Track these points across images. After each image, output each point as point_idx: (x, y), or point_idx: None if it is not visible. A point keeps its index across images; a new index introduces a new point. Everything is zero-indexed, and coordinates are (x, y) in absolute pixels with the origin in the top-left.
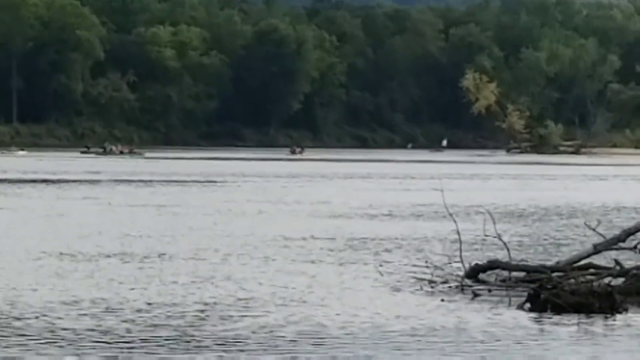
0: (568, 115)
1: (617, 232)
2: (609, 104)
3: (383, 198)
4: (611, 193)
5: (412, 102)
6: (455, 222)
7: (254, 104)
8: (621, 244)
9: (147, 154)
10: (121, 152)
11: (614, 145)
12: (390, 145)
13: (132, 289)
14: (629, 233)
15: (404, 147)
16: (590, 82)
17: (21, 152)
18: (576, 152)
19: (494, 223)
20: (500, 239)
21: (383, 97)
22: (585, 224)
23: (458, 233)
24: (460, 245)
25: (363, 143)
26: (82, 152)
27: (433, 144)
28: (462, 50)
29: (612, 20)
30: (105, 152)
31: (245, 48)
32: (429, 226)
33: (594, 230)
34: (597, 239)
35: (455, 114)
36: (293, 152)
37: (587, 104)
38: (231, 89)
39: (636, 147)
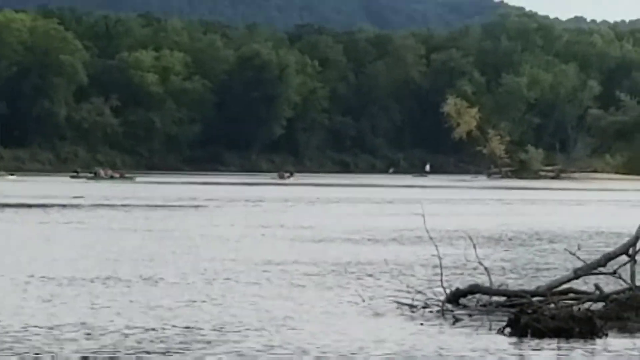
0: (549, 140)
1: (597, 257)
2: (590, 129)
3: (366, 223)
4: (591, 218)
5: (394, 127)
6: (436, 246)
7: (236, 128)
8: (601, 269)
9: (138, 179)
10: (112, 177)
11: (595, 171)
12: (372, 170)
13: (117, 313)
14: (609, 258)
15: (386, 171)
16: (570, 108)
17: (11, 177)
18: (557, 177)
19: (475, 248)
20: (481, 264)
21: (365, 122)
22: (565, 249)
23: (439, 257)
24: (441, 269)
25: (345, 168)
26: (72, 177)
27: (415, 169)
28: (444, 75)
29: (593, 45)
30: (96, 177)
31: (228, 73)
32: (411, 251)
33: (574, 255)
34: (577, 264)
35: (436, 138)
36: (281, 177)
37: (568, 129)
38: (214, 113)
39: (617, 173)
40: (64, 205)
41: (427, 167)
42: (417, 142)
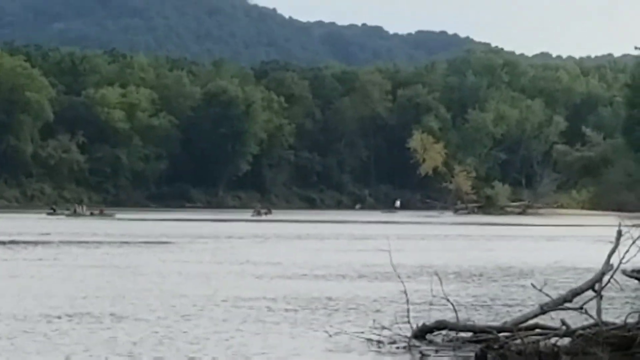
0: (515, 176)
1: (563, 292)
2: (555, 165)
3: (334, 258)
4: (558, 253)
5: (360, 163)
6: (402, 282)
7: (202, 165)
8: (568, 304)
9: (118, 215)
10: (91, 214)
11: (561, 206)
12: (339, 206)
13: (84, 350)
14: (575, 293)
15: (352, 208)
16: (536, 143)
17: None
18: (523, 213)
19: (442, 283)
20: (448, 299)
21: (331, 158)
22: (532, 284)
23: (405, 293)
24: (408, 305)
25: (311, 204)
26: (48, 214)
27: (381, 205)
28: (410, 111)
29: (558, 81)
30: (75, 214)
31: (194, 109)
32: (378, 286)
33: (540, 290)
34: (544, 299)
35: (403, 174)
36: (258, 214)
37: (534, 164)
38: (180, 150)
39: (583, 208)
40: (41, 242)
41: (397, 203)
42: (384, 178)
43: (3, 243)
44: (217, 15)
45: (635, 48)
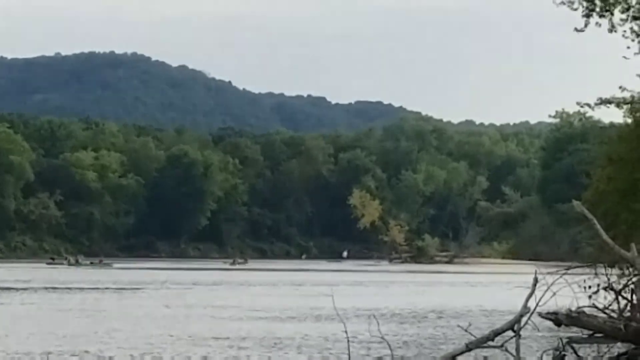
0: (442, 230)
1: (486, 332)
2: (479, 220)
3: (284, 302)
4: (481, 298)
5: (306, 218)
6: (344, 323)
7: (166, 219)
8: (490, 343)
9: (115, 265)
10: (91, 263)
11: (483, 256)
12: (287, 256)
13: None
14: (496, 333)
15: (299, 257)
16: (461, 200)
17: None
18: (450, 262)
19: (379, 324)
20: (384, 338)
21: (280, 214)
22: (458, 325)
23: (346, 333)
24: (349, 344)
25: (262, 254)
26: (48, 264)
27: (325, 255)
28: (350, 172)
29: (481, 145)
30: (77, 264)
31: (159, 171)
32: (322, 327)
33: (465, 330)
34: (469, 338)
35: (344, 228)
36: (233, 263)
37: (459, 219)
38: (146, 206)
39: (503, 258)
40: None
41: (345, 254)
42: (327, 231)
43: (16, 289)
44: (179, 87)
45: (549, 116)
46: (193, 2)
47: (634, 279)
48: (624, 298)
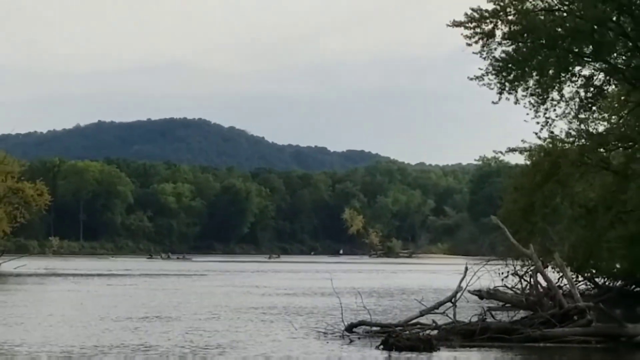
0: (404, 235)
1: (433, 303)
2: (428, 228)
3: (299, 284)
4: (431, 281)
5: (313, 227)
6: (338, 297)
7: (221, 229)
8: (435, 310)
9: (194, 259)
10: (177, 258)
11: (432, 252)
12: (301, 252)
13: (144, 331)
14: (440, 303)
15: (309, 254)
16: (417, 216)
17: (112, 258)
18: (409, 257)
19: (362, 298)
20: (365, 307)
21: (297, 224)
22: (415, 299)
23: (340, 304)
24: (342, 311)
25: (285, 251)
26: (148, 258)
27: (327, 252)
28: (342, 197)
29: (430, 179)
30: (169, 258)
31: (216, 196)
32: (323, 300)
33: (420, 302)
34: (422, 307)
35: (339, 234)
36: (270, 257)
37: (416, 228)
38: (207, 220)
39: (444, 254)
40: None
41: (341, 251)
42: (328, 236)
43: (133, 275)
44: (229, 141)
45: (474, 160)
46: (238, 81)
47: (532, 268)
48: (525, 280)
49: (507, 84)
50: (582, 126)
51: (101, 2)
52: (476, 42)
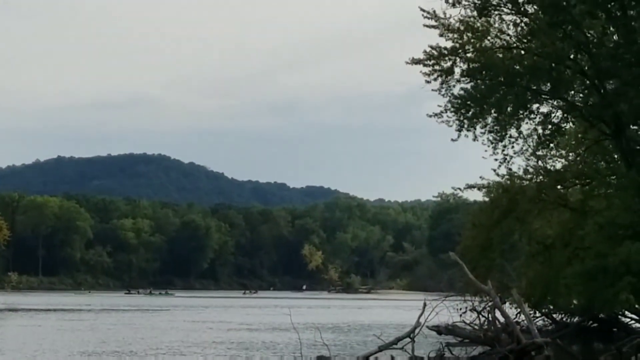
0: (363, 271)
1: (392, 339)
2: (387, 264)
3: (256, 319)
4: (389, 316)
5: (273, 263)
6: (297, 332)
7: (180, 264)
8: (394, 346)
9: (176, 294)
10: (160, 293)
11: (390, 288)
12: (260, 288)
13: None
14: (398, 339)
15: (268, 289)
16: (376, 252)
17: (86, 292)
18: (368, 292)
19: (320, 333)
20: (324, 342)
21: (256, 260)
22: (374, 334)
23: (299, 340)
24: (301, 346)
25: (244, 287)
26: (126, 293)
27: (290, 287)
28: (302, 232)
29: (389, 215)
30: (150, 294)
31: (176, 231)
32: (283, 335)
33: (378, 337)
34: (380, 343)
35: (298, 269)
36: (245, 294)
37: (375, 264)
38: (167, 255)
39: (403, 289)
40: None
41: (304, 287)
42: (287, 271)
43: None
44: (189, 176)
45: (433, 196)
46: (198, 117)
47: (490, 304)
48: (483, 316)
49: (465, 121)
50: (540, 163)
51: (62, 37)
52: (435, 80)
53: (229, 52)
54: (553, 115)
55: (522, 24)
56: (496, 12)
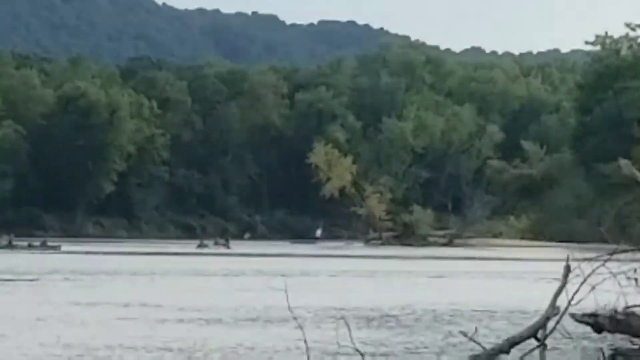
0: (439, 199)
1: (499, 341)
2: (489, 185)
3: (225, 299)
4: (492, 294)
5: (249, 183)
6: (301, 328)
7: (56, 185)
8: (504, 357)
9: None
10: (29, 245)
11: (495, 236)
12: (223, 234)
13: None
14: (513, 343)
15: (241, 237)
16: (466, 159)
17: None
18: (449, 244)
19: (350, 330)
20: (357, 350)
21: (214, 177)
22: (460, 331)
23: (305, 342)
24: (308, 356)
25: (190, 232)
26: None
27: (275, 234)
28: (311, 119)
29: (493, 83)
30: (11, 245)
31: (46, 117)
32: (274, 333)
33: (470, 339)
34: (474, 350)
35: (302, 196)
36: (216, 244)
37: (462, 184)
38: (29, 166)
39: (522, 238)
40: None
41: (318, 232)
42: (278, 201)
43: None
44: (74, 2)
45: (587, 43)
46: None
47: None
48: None
49: None
50: None
51: None
52: None
53: None
54: None
55: None
56: None
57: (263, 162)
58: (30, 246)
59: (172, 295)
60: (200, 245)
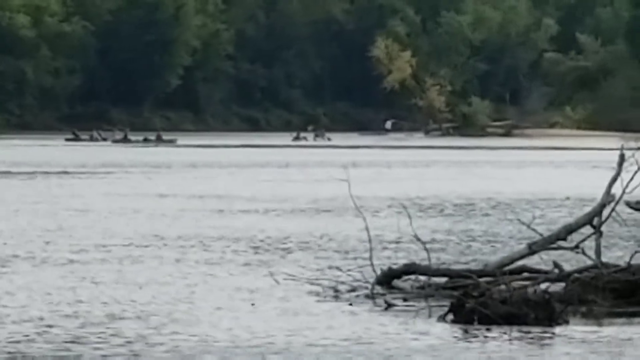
0: (497, 90)
1: (555, 228)
2: (546, 77)
3: (285, 190)
4: (549, 182)
5: (312, 76)
6: (364, 218)
7: (124, 80)
8: (561, 243)
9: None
10: (145, 140)
11: (552, 126)
12: (287, 127)
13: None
14: (569, 230)
15: (304, 129)
16: (523, 51)
17: None
18: (507, 134)
19: (410, 219)
20: (418, 238)
21: (278, 71)
22: (518, 219)
23: (367, 231)
24: (371, 245)
25: (254, 125)
26: (67, 140)
27: (338, 126)
28: (372, 13)
29: None
30: (125, 139)
31: (113, 13)
32: (334, 223)
33: (528, 226)
34: (532, 237)
35: (363, 89)
36: (317, 137)
37: (520, 76)
38: (97, 62)
39: (578, 128)
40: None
41: (389, 124)
42: (341, 94)
43: None
44: None
45: None
46: None
47: None
48: None
49: None
50: None
51: None
52: None
53: None
54: None
55: None
56: None
57: (325, 56)
58: (145, 140)
59: (241, 186)
60: (296, 138)
